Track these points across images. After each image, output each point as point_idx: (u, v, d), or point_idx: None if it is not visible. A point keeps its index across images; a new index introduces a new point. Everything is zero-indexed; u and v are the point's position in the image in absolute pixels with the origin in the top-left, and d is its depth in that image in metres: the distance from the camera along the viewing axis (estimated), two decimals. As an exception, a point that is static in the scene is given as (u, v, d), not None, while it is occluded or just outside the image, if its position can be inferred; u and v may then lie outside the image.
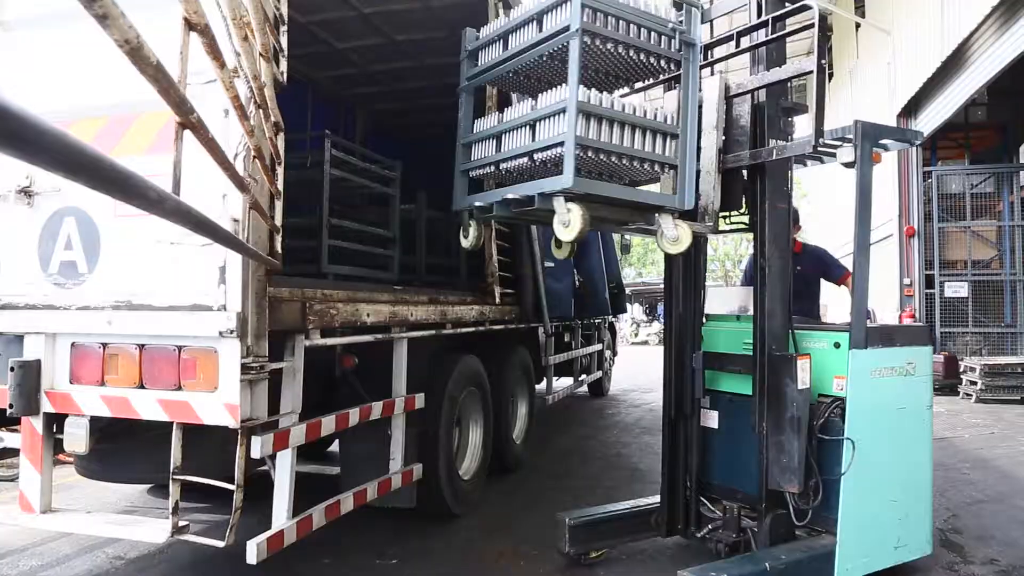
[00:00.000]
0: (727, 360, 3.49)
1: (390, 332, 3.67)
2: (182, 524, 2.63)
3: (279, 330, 2.79)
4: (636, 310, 29.17)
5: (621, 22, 2.84)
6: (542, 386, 6.56)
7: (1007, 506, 4.66)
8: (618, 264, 9.21)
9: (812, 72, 2.85)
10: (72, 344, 2.79)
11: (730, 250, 35.25)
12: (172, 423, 2.64)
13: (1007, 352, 10.73)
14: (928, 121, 10.48)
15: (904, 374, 3.24)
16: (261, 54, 2.27)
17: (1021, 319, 10.78)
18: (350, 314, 3.26)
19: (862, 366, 3.11)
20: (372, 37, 5.34)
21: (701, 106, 3.28)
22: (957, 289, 10.92)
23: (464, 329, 4.56)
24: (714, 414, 3.59)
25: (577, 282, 6.91)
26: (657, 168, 3.03)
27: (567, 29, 2.72)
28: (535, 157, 2.94)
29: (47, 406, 2.81)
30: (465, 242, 3.59)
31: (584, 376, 8.56)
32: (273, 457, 2.88)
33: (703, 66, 3.45)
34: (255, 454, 2.65)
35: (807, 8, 2.92)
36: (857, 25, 13.84)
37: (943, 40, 9.00)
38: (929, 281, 10.96)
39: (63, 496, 4.03)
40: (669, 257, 3.49)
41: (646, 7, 2.92)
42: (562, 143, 2.71)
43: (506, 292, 5.20)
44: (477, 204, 3.37)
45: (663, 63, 3.03)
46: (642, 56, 2.94)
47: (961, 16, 8.36)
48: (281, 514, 2.89)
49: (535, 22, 2.98)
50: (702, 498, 3.56)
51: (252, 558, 2.65)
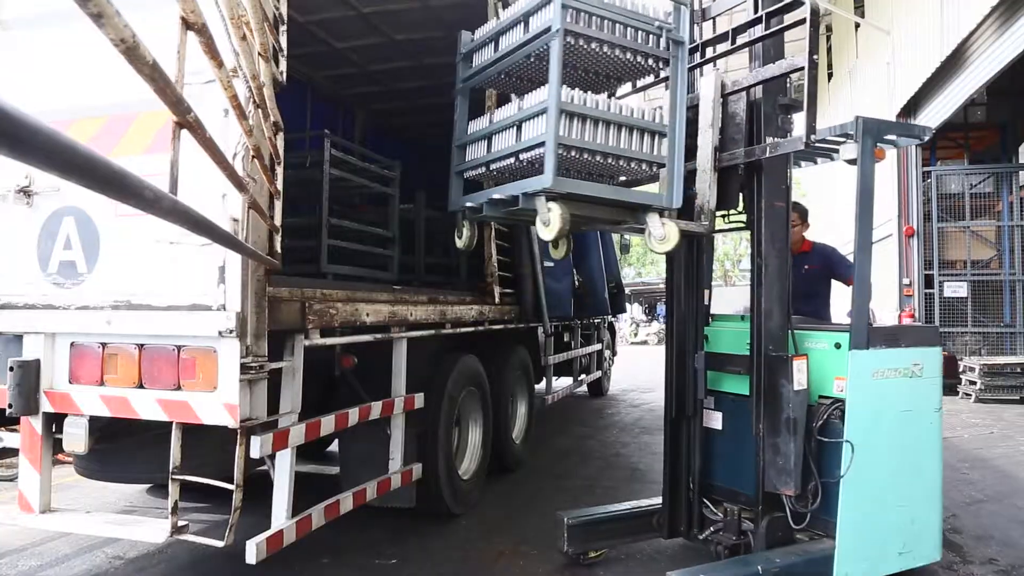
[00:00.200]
0: (727, 360, 3.44)
1: (389, 332, 3.66)
2: (181, 524, 2.63)
3: (278, 330, 2.79)
4: (635, 310, 29.19)
5: (606, 22, 2.83)
6: (541, 386, 6.56)
7: (1006, 506, 4.66)
8: (617, 264, 9.21)
9: (804, 68, 2.82)
10: (71, 344, 2.79)
11: (729, 250, 35.19)
12: (171, 423, 2.64)
13: (1006, 352, 10.73)
14: (927, 121, 10.46)
15: (910, 376, 3.14)
16: (260, 54, 2.27)
17: (1020, 319, 10.76)
18: (349, 314, 3.26)
19: (862, 367, 3.03)
20: (371, 37, 5.33)
21: (698, 104, 3.27)
22: (956, 289, 10.91)
23: (463, 329, 4.56)
24: (718, 415, 3.53)
25: (576, 282, 6.91)
26: (645, 167, 3.03)
27: (549, 30, 2.73)
28: (521, 157, 2.96)
29: (46, 406, 2.80)
30: (459, 242, 3.62)
31: (583, 376, 8.56)
32: (272, 457, 2.89)
33: (700, 64, 3.45)
34: (254, 454, 2.65)
35: (800, 4, 2.91)
36: (857, 25, 13.83)
37: (942, 40, 9.00)
38: (928, 281, 10.94)
39: (62, 496, 4.03)
40: (671, 256, 3.48)
41: (633, 6, 2.91)
42: (543, 143, 2.73)
43: (505, 292, 5.20)
44: (468, 204, 3.40)
45: (651, 62, 3.02)
46: (629, 55, 2.93)
47: (960, 16, 8.36)
48: (280, 514, 2.89)
49: (522, 24, 2.99)
50: (705, 500, 3.50)
51: (251, 558, 2.65)
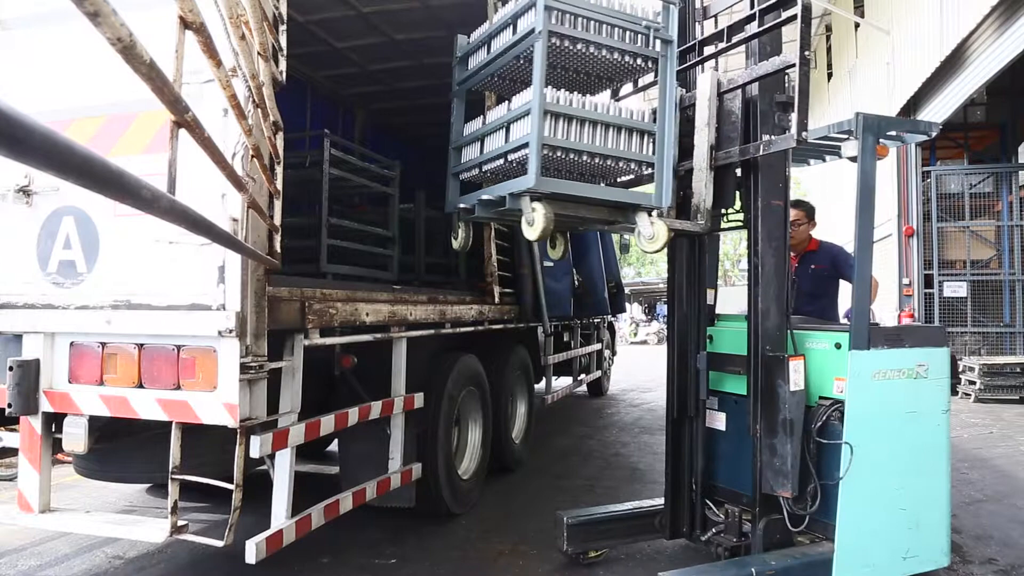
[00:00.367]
0: (728, 360, 3.41)
1: (389, 332, 3.66)
2: (181, 524, 2.63)
3: (278, 329, 2.79)
4: (635, 310, 29.19)
5: (592, 23, 2.83)
6: (541, 385, 6.57)
7: (1006, 506, 4.66)
8: (617, 264, 9.21)
9: (795, 64, 2.78)
10: (71, 343, 2.79)
11: (729, 250, 35.19)
12: (171, 423, 2.64)
13: (1006, 352, 10.73)
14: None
15: (914, 377, 3.07)
16: (259, 53, 2.27)
17: (1020, 319, 10.76)
18: (349, 313, 3.26)
19: (863, 368, 2.98)
20: (371, 36, 5.33)
21: (695, 104, 3.27)
22: (956, 289, 10.91)
23: (463, 328, 4.56)
24: (721, 415, 3.49)
25: (576, 282, 6.91)
26: (635, 167, 3.03)
27: (534, 32, 2.74)
28: (509, 158, 2.97)
29: (46, 405, 2.80)
30: (455, 243, 3.63)
31: (583, 376, 8.56)
32: (272, 456, 2.89)
33: (698, 62, 3.44)
34: (254, 453, 2.65)
35: (793, 2, 2.89)
36: (856, 25, 13.83)
37: (942, 40, 9.00)
38: (928, 281, 10.94)
39: (62, 496, 4.03)
40: (672, 256, 3.48)
41: (620, 6, 2.90)
42: (527, 144, 2.75)
43: (505, 292, 5.20)
44: (462, 206, 3.41)
45: (640, 61, 3.01)
46: (616, 55, 2.92)
47: (960, 16, 8.36)
48: (280, 513, 2.89)
49: (511, 26, 2.99)
50: (707, 501, 3.46)
51: (251, 558, 2.65)
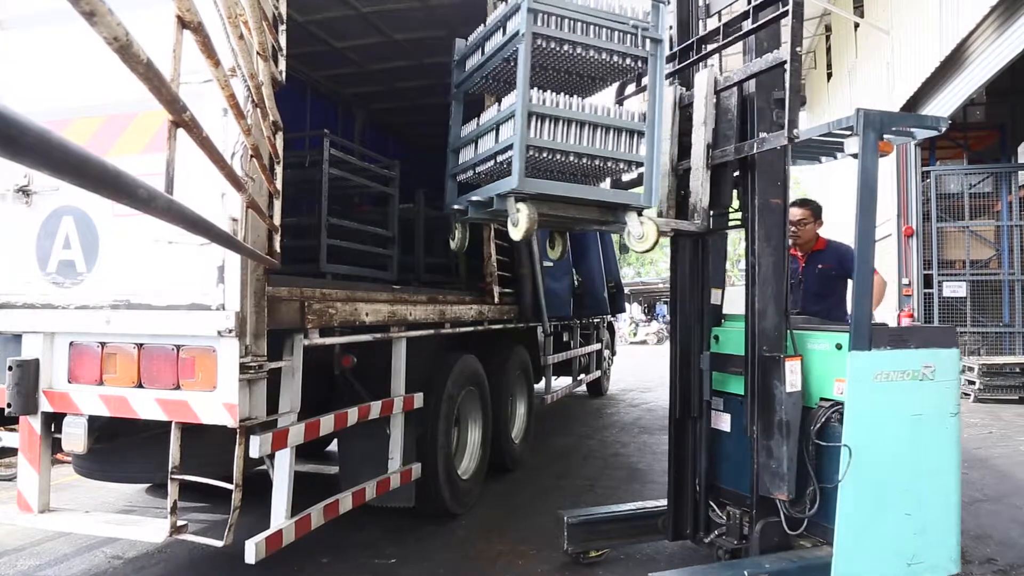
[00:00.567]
0: (730, 361, 3.36)
1: (389, 331, 3.66)
2: (180, 524, 2.63)
3: (278, 329, 2.79)
4: (635, 310, 29.19)
5: (578, 24, 2.83)
6: (541, 385, 6.56)
7: (1005, 506, 4.66)
8: (617, 264, 9.21)
9: (786, 61, 2.77)
10: (70, 343, 2.79)
11: (729, 250, 35.16)
12: (170, 422, 2.64)
13: (1005, 352, 10.72)
14: (927, 121, 10.46)
15: (920, 378, 2.97)
16: (259, 53, 2.27)
17: (1019, 319, 10.77)
18: (349, 313, 3.26)
19: (863, 369, 2.90)
20: (371, 36, 5.33)
21: (692, 103, 3.27)
22: (955, 289, 10.91)
23: (463, 328, 4.56)
24: (726, 416, 3.43)
25: (576, 282, 6.91)
26: (624, 166, 3.03)
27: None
28: (498, 160, 2.97)
29: (45, 405, 2.80)
30: (452, 244, 3.64)
31: (583, 375, 8.55)
32: (272, 456, 2.88)
33: (696, 60, 3.43)
34: (254, 453, 2.65)
35: None
36: (856, 25, 13.84)
37: (941, 40, 9.01)
38: (927, 281, 10.94)
39: (61, 496, 4.03)
40: (675, 255, 3.47)
41: (608, 6, 2.89)
42: (511, 146, 2.76)
43: (505, 292, 5.20)
44: (455, 207, 3.42)
45: (629, 61, 3.00)
46: (605, 55, 2.92)
47: (960, 16, 8.36)
48: (280, 513, 2.89)
49: (501, 28, 2.99)
50: (711, 502, 3.41)
51: (251, 557, 2.65)
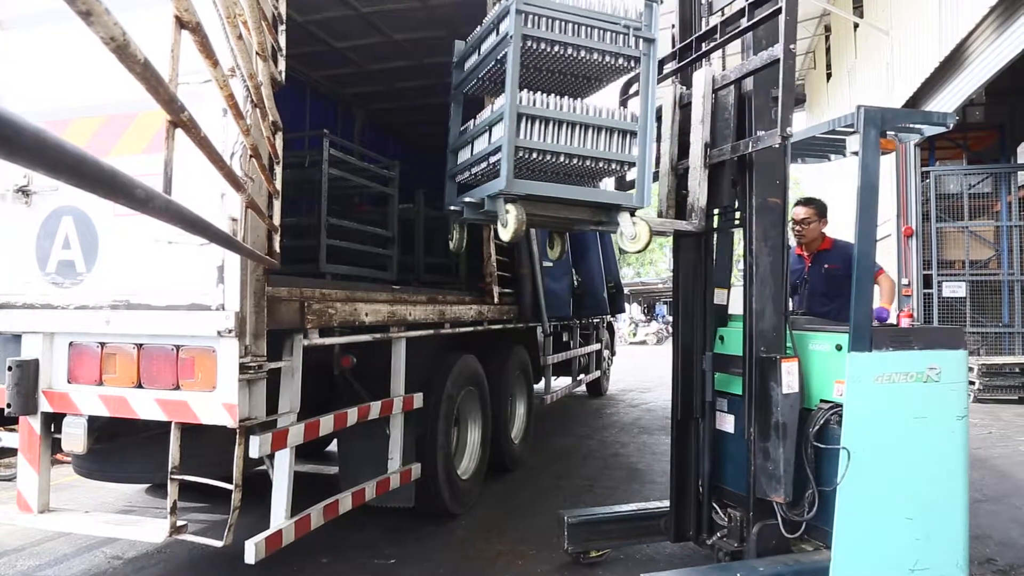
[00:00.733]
0: (731, 362, 3.33)
1: (388, 332, 3.66)
2: (180, 524, 2.63)
3: (277, 329, 2.79)
4: (634, 310, 29.19)
5: (569, 24, 2.82)
6: (540, 386, 6.56)
7: (1005, 506, 4.67)
8: (616, 264, 9.21)
9: (780, 59, 2.75)
10: (70, 343, 2.79)
11: (729, 250, 35.06)
12: (170, 423, 2.64)
13: (1005, 352, 10.72)
14: (926, 121, 10.46)
15: (924, 380, 2.91)
16: (258, 53, 2.27)
17: (1019, 319, 10.76)
18: (348, 314, 3.26)
19: (862, 371, 2.86)
20: (371, 36, 5.33)
21: (690, 103, 3.26)
22: (955, 289, 10.91)
23: (462, 329, 4.56)
24: (730, 417, 3.39)
25: (575, 282, 6.91)
26: (616, 167, 3.03)
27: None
28: (491, 160, 2.98)
29: (45, 405, 2.80)
30: (451, 245, 3.65)
31: (582, 376, 8.56)
32: (271, 457, 2.88)
33: (695, 59, 3.43)
34: (253, 454, 2.65)
35: None
36: (855, 25, 13.84)
37: (941, 40, 9.01)
38: (927, 281, 10.94)
39: (61, 496, 4.02)
40: (678, 255, 3.47)
41: (600, 6, 2.88)
42: (500, 147, 2.77)
43: (505, 292, 5.20)
44: (452, 208, 3.42)
45: (622, 61, 2.99)
46: (596, 56, 2.91)
47: (959, 16, 8.37)
48: (279, 514, 2.89)
49: (495, 30, 2.99)
50: (715, 504, 3.38)
51: (250, 558, 2.65)
